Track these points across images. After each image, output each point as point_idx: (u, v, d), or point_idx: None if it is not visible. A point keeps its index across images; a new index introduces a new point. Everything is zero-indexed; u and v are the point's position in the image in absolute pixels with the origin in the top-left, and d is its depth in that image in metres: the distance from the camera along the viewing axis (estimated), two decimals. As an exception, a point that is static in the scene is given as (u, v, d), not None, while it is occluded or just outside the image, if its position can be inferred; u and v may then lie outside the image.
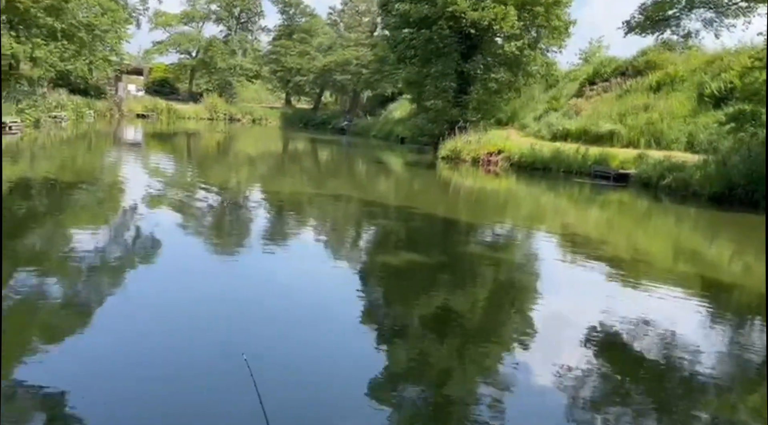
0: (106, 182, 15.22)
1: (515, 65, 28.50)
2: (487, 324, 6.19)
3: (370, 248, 10.01)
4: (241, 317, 5.72)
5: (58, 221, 9.92)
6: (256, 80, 63.20)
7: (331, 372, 4.65)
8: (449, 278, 7.85)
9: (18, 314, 5.43)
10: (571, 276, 8.51)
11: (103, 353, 4.66)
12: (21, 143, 22.65)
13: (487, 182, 21.20)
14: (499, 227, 12.61)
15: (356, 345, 5.31)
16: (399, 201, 15.86)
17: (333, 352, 5.07)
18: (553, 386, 4.58)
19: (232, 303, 6.13)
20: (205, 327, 5.38)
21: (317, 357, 4.90)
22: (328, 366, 4.75)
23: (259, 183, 17.67)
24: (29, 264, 7.03)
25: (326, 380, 4.51)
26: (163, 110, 49.44)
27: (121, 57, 41.51)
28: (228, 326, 5.43)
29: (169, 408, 3.93)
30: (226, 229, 10.46)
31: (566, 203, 17.42)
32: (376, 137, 42.86)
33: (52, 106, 31.75)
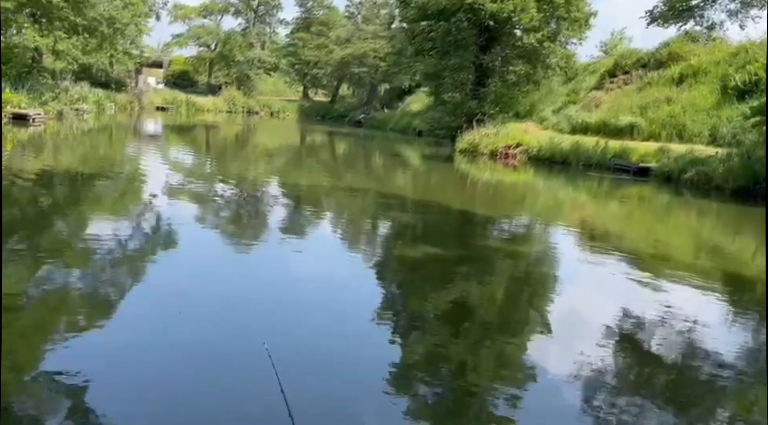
0: (126, 174, 15.41)
1: (534, 58, 28.22)
2: (505, 317, 6.18)
3: (387, 240, 10.02)
4: (260, 306, 5.79)
5: (80, 212, 10.08)
6: (273, 73, 63.42)
7: (349, 362, 4.68)
8: (467, 271, 7.84)
9: (41, 303, 5.54)
10: (590, 270, 8.45)
11: (124, 341, 4.73)
12: (44, 134, 23.02)
13: (505, 176, 21.07)
14: (517, 221, 12.55)
15: (374, 336, 5.33)
16: (416, 194, 15.85)
17: (351, 342, 5.10)
18: (571, 380, 4.55)
19: (252, 293, 6.20)
20: (225, 315, 5.43)
21: (336, 346, 4.94)
22: (346, 356, 4.79)
23: (277, 176, 17.76)
24: (52, 254, 7.16)
25: (345, 369, 4.55)
26: (183, 103, 49.90)
27: (141, 50, 41.88)
28: (248, 315, 5.49)
29: (191, 395, 3.98)
30: (244, 220, 10.55)
31: (585, 196, 17.26)
32: (393, 130, 42.80)
33: (74, 98, 32.18)
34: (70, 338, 4.77)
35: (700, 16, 21.33)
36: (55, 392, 3.87)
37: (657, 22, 21.65)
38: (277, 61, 61.47)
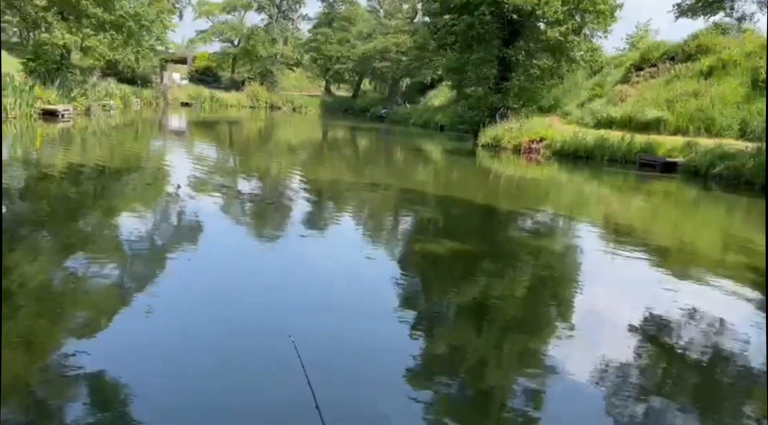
0: (152, 169, 15.66)
1: (558, 51, 27.85)
2: (527, 313, 6.14)
3: (409, 235, 10.03)
4: (285, 298, 5.85)
5: (107, 206, 10.27)
6: (296, 68, 63.74)
7: (373, 355, 4.72)
8: (489, 266, 7.81)
9: (70, 292, 5.68)
10: (614, 266, 8.35)
11: (150, 333, 4.82)
12: (72, 129, 23.48)
13: (529, 170, 20.90)
14: (540, 216, 12.45)
15: (397, 329, 5.34)
16: (438, 189, 15.81)
17: (375, 335, 5.14)
18: (594, 378, 4.51)
19: (276, 285, 6.28)
20: (250, 307, 5.51)
21: (360, 339, 4.98)
22: (370, 349, 4.82)
23: (299, 170, 17.87)
24: (80, 247, 7.32)
25: (369, 362, 4.59)
26: (207, 99, 50.48)
27: (166, 46, 42.46)
28: (273, 307, 5.56)
29: (217, 386, 4.03)
30: (267, 215, 10.65)
31: (610, 192, 17.04)
32: (415, 125, 42.70)
33: (101, 94, 32.76)
34: (97, 327, 4.89)
35: (730, 8, 20.85)
36: (81, 380, 3.96)
37: (686, 15, 21.21)
38: (299, 57, 61.76)
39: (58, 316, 5.09)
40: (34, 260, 6.72)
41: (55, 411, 3.61)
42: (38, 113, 24.43)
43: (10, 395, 3.73)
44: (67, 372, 4.07)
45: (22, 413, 3.58)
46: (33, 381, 3.97)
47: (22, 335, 4.65)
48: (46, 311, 5.17)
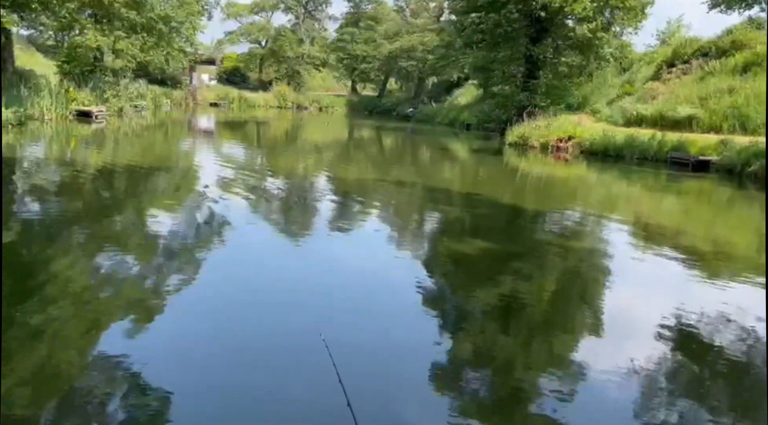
0: (182, 168, 15.96)
1: (587, 48, 27.52)
2: (555, 314, 6.09)
3: (437, 234, 10.03)
4: (314, 298, 5.91)
5: (140, 205, 10.50)
6: (323, 68, 64.10)
7: (402, 354, 4.75)
8: (517, 266, 7.77)
9: (103, 288, 5.83)
10: (644, 267, 8.22)
11: (182, 332, 4.91)
12: (106, 130, 24.04)
13: (557, 169, 20.67)
14: (569, 215, 12.32)
15: (425, 328, 5.36)
16: (465, 188, 15.76)
17: (403, 334, 5.17)
18: (623, 381, 4.44)
19: (305, 285, 6.34)
20: (279, 306, 5.59)
21: (388, 338, 5.02)
22: (399, 348, 4.86)
23: (326, 170, 18.00)
24: (112, 245, 7.51)
25: (398, 361, 4.61)
26: (235, 99, 51.14)
27: (195, 48, 43.11)
28: (302, 306, 5.61)
29: (250, 385, 4.09)
30: (295, 214, 10.76)
31: (640, 191, 16.75)
32: (441, 124, 42.56)
33: (133, 95, 33.46)
34: (129, 324, 4.98)
35: (766, 2, 20.30)
36: (114, 377, 4.06)
37: (719, 8, 20.72)
38: (326, 57, 62.09)
39: (90, 313, 5.23)
40: (67, 256, 6.93)
41: (87, 408, 3.69)
42: (73, 114, 25.09)
43: (43, 393, 3.84)
44: (100, 369, 4.17)
45: (56, 410, 3.67)
46: (68, 378, 4.08)
47: (54, 330, 4.80)
48: (79, 307, 5.33)
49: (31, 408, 3.61)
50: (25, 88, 22.87)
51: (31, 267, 6.49)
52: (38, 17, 25.14)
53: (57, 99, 24.06)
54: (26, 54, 32.40)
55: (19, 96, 21.85)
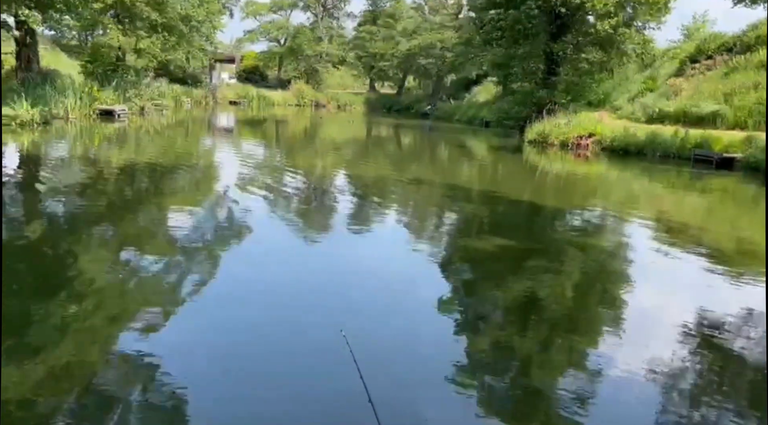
0: (202, 166, 16.13)
1: (608, 44, 27.14)
2: (575, 313, 6.04)
3: (456, 232, 10.01)
4: (333, 295, 5.94)
5: (161, 203, 10.64)
6: (341, 66, 64.22)
7: (423, 350, 4.76)
8: (536, 264, 7.72)
9: (121, 288, 5.92)
10: (666, 266, 8.11)
11: (203, 327, 4.95)
12: (128, 128, 24.38)
13: (577, 167, 20.47)
14: (589, 213, 12.20)
15: (445, 326, 5.37)
16: (484, 185, 15.69)
17: (423, 331, 5.18)
18: (644, 382, 4.40)
19: (324, 282, 6.39)
20: (299, 303, 5.62)
21: (409, 335, 5.03)
22: (420, 344, 4.87)
23: (344, 168, 18.05)
24: (133, 242, 7.63)
25: (419, 357, 4.63)
26: (254, 97, 51.45)
27: (215, 46, 43.55)
28: (322, 303, 5.65)
29: (271, 380, 4.13)
30: (313, 211, 10.81)
31: (662, 188, 16.52)
32: (460, 121, 42.40)
33: (154, 94, 33.88)
34: (151, 319, 5.05)
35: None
36: (136, 370, 4.13)
37: (744, 3, 20.32)
38: (344, 55, 62.20)
39: (113, 308, 5.32)
40: (90, 252, 7.05)
41: (108, 400, 3.75)
42: (96, 113, 25.48)
43: (66, 385, 3.92)
44: (123, 361, 4.24)
45: (78, 402, 3.73)
46: (90, 370, 4.15)
47: (78, 324, 4.89)
48: (102, 301, 5.42)
49: (58, 398, 3.69)
50: (50, 87, 23.27)
51: (58, 261, 6.62)
52: (62, 18, 25.56)
53: (81, 98, 24.45)
54: (51, 54, 32.96)
55: (44, 95, 22.23)
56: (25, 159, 14.76)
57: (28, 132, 19.22)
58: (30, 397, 3.67)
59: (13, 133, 18.64)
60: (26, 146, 17.08)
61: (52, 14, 23.10)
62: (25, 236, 7.63)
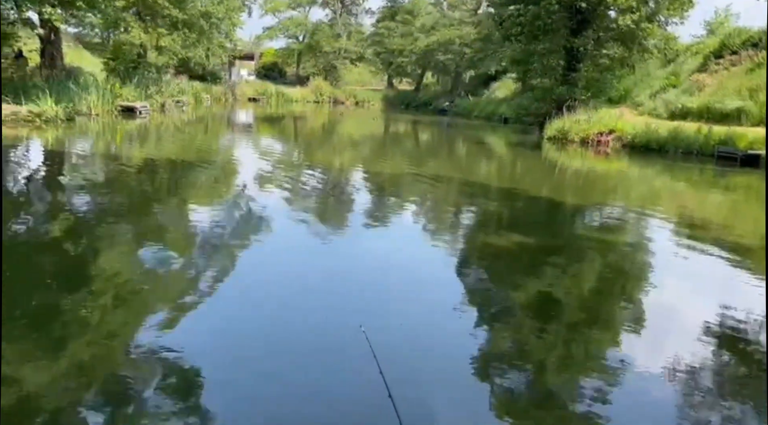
0: (221, 162, 16.28)
1: (630, 40, 26.74)
2: (593, 311, 5.99)
3: (474, 228, 9.99)
4: (352, 291, 5.98)
5: (181, 199, 10.77)
6: (359, 63, 64.22)
7: (442, 346, 4.79)
8: (555, 261, 7.68)
9: (146, 279, 6.01)
10: (688, 264, 8.02)
11: (221, 324, 4.99)
12: (149, 125, 24.68)
13: (597, 164, 20.26)
14: (609, 210, 12.08)
15: (463, 322, 5.36)
16: (502, 182, 15.61)
17: (442, 327, 5.19)
18: (664, 382, 4.36)
19: (343, 278, 6.43)
20: (318, 299, 5.66)
21: (428, 331, 5.05)
22: (438, 340, 4.89)
23: (361, 164, 18.08)
24: (155, 236, 7.74)
25: (438, 353, 4.64)
26: (273, 94, 51.70)
27: (234, 43, 43.76)
28: (341, 299, 5.69)
29: (291, 375, 4.15)
30: (331, 207, 10.86)
31: (684, 186, 16.29)
32: (478, 118, 42.18)
33: (175, 91, 34.22)
34: (173, 313, 5.12)
35: None
36: (159, 364, 4.18)
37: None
38: (362, 51, 62.18)
39: (135, 302, 5.41)
40: (113, 248, 7.17)
41: (135, 394, 3.82)
42: (118, 109, 25.83)
43: (91, 377, 3.99)
44: (143, 357, 4.29)
45: (102, 394, 3.81)
46: (114, 363, 4.23)
47: (102, 318, 4.99)
48: (123, 295, 5.52)
49: (80, 392, 3.76)
50: (74, 84, 23.64)
51: (81, 257, 6.74)
52: (85, 15, 25.95)
53: (103, 95, 24.79)
54: (74, 51, 33.48)
55: (68, 92, 22.59)
56: (52, 155, 15.04)
57: (53, 128, 19.56)
58: (51, 388, 3.75)
59: (39, 129, 18.98)
60: (52, 141, 17.39)
61: (75, 12, 23.43)
62: (54, 230, 7.78)
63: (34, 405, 3.57)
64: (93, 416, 3.52)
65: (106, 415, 3.56)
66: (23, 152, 15.18)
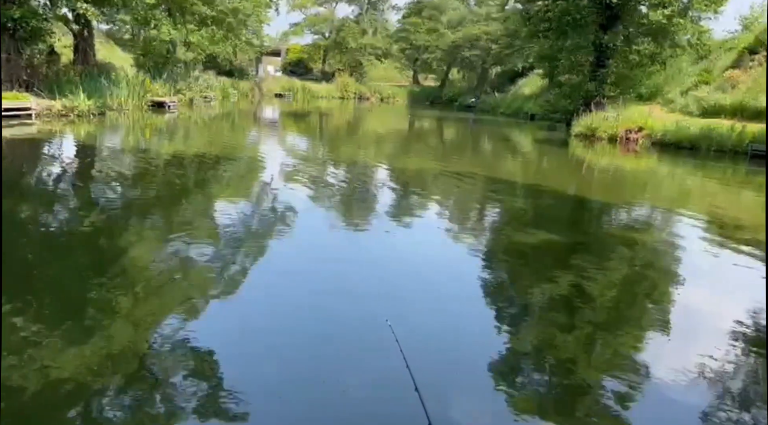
0: (247, 157, 16.45)
1: (661, 35, 26.20)
2: (620, 310, 5.91)
3: (499, 224, 9.93)
4: (377, 285, 6.01)
5: (208, 192, 10.91)
6: (384, 59, 64.19)
7: (468, 342, 4.79)
8: (580, 259, 7.60)
9: (171, 274, 6.12)
10: (718, 263, 7.85)
11: (248, 316, 5.05)
12: (178, 120, 25.06)
13: (626, 161, 19.94)
14: (638, 209, 11.89)
15: (488, 319, 5.36)
16: (528, 179, 15.48)
17: (467, 322, 5.19)
18: (692, 382, 4.29)
19: (368, 272, 6.47)
20: (344, 292, 5.70)
21: (452, 326, 5.04)
22: (463, 335, 4.89)
23: (386, 160, 18.09)
24: (183, 229, 7.86)
25: (464, 348, 4.65)
26: (299, 90, 51.99)
27: (261, 40, 44.12)
28: (367, 293, 5.72)
29: (318, 368, 4.18)
30: (357, 202, 10.89)
31: (716, 184, 15.93)
32: (504, 114, 41.85)
33: (203, 87, 34.66)
34: (200, 306, 5.20)
35: None
36: (185, 356, 4.25)
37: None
38: (388, 47, 62.13)
39: (163, 294, 5.51)
40: (142, 240, 7.31)
41: (157, 383, 3.90)
42: (148, 104, 26.28)
43: (118, 365, 4.09)
44: (172, 347, 4.36)
45: (127, 383, 3.87)
46: (139, 353, 4.30)
47: (129, 308, 5.10)
48: (152, 288, 5.63)
49: (105, 379, 3.85)
50: (106, 80, 24.12)
51: (110, 248, 6.90)
52: (117, 12, 26.46)
53: (134, 90, 25.25)
54: (106, 48, 34.10)
55: (99, 88, 23.06)
56: (89, 148, 15.39)
57: (86, 123, 20.00)
58: (80, 376, 3.86)
59: (72, 123, 19.43)
60: (85, 136, 17.78)
61: (107, 9, 23.89)
62: (88, 221, 7.98)
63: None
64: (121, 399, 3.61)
65: (131, 400, 3.64)
66: (60, 145, 15.57)
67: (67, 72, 23.79)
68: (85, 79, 23.06)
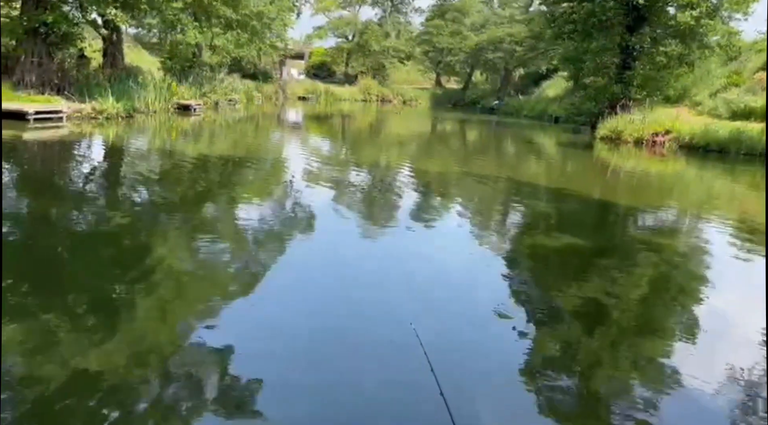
0: (271, 159, 16.62)
1: (689, 37, 25.73)
2: (645, 317, 5.81)
3: (523, 228, 9.87)
4: (401, 289, 6.00)
5: (233, 194, 11.04)
6: (407, 62, 64.21)
7: (493, 346, 4.79)
8: (606, 263, 7.52)
9: (195, 275, 6.21)
10: (747, 270, 7.70)
11: (271, 318, 5.08)
12: (203, 123, 25.41)
13: (652, 165, 19.64)
14: (665, 213, 11.71)
15: (512, 320, 5.31)
16: (552, 183, 15.34)
17: (492, 326, 5.19)
18: (718, 391, 4.21)
19: (391, 276, 6.47)
20: (368, 296, 5.72)
21: (476, 331, 5.04)
22: (489, 340, 4.89)
23: (408, 162, 18.09)
24: (207, 229, 7.98)
25: (490, 353, 4.65)
26: (322, 93, 52.24)
27: (285, 43, 44.44)
28: (390, 297, 5.72)
29: (343, 371, 4.19)
30: (378, 205, 10.92)
31: (746, 189, 15.61)
32: (528, 117, 41.54)
33: (227, 90, 35.06)
34: (222, 307, 5.24)
35: None
36: (208, 355, 4.28)
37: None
38: (411, 50, 62.13)
39: (187, 294, 5.59)
40: (167, 240, 7.43)
41: (181, 382, 3.95)
42: (174, 107, 26.69)
43: (143, 364, 4.16)
44: (195, 347, 4.40)
45: (150, 380, 3.94)
46: (164, 352, 4.36)
47: (154, 309, 5.20)
48: (177, 288, 5.73)
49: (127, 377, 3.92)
50: (133, 83, 24.56)
51: (136, 247, 7.03)
52: (145, 17, 26.93)
53: (160, 93, 25.65)
54: (133, 51, 34.72)
55: (128, 91, 23.49)
56: (116, 149, 15.70)
57: (115, 125, 20.39)
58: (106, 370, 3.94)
59: (101, 126, 19.82)
60: (114, 137, 18.13)
61: (135, 14, 24.31)
62: (117, 221, 8.15)
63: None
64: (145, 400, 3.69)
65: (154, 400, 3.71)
66: (90, 146, 15.91)
67: (97, 75, 24.26)
68: (113, 83, 23.50)
